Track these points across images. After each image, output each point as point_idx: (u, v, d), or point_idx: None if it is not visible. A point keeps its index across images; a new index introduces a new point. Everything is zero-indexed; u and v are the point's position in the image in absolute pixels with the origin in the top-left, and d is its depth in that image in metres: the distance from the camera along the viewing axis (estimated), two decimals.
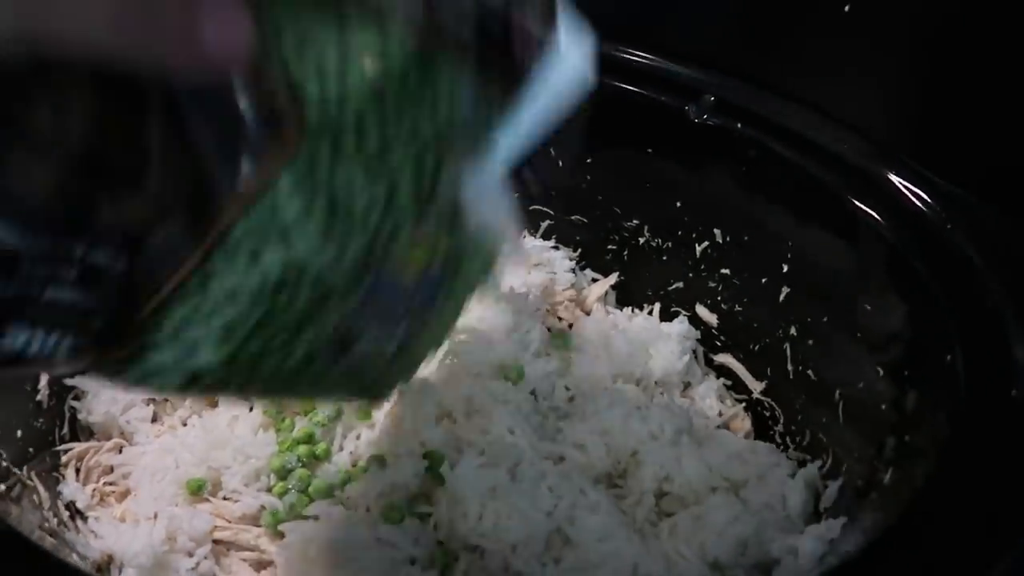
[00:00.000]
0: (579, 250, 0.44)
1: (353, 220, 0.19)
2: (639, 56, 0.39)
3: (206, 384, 0.19)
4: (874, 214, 0.32)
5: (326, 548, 0.29)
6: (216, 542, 0.31)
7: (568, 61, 0.22)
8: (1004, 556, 0.22)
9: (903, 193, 0.32)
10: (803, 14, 0.44)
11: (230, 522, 0.31)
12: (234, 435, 0.33)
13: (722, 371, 0.41)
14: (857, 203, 0.32)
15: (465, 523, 0.30)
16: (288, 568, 0.29)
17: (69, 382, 0.35)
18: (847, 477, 0.32)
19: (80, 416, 0.35)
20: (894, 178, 0.33)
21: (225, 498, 0.32)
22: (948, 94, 0.40)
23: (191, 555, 0.29)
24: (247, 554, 0.31)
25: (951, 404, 0.27)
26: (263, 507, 0.31)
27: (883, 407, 0.31)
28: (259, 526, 0.31)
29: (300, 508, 0.30)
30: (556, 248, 0.44)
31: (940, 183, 0.33)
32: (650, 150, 0.39)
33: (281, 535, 0.30)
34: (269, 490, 0.32)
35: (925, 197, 0.32)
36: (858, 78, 0.43)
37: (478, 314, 0.37)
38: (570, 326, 0.41)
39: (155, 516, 0.31)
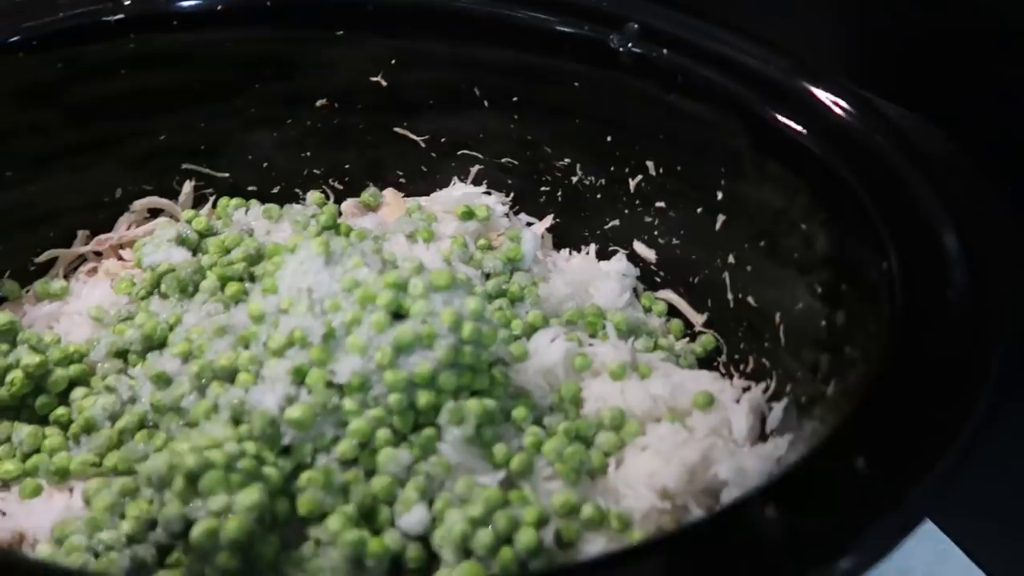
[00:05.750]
0: (512, 194, 0.42)
1: None
2: None
3: None
4: (800, 128, 0.31)
5: None
6: None
7: None
8: (941, 455, 0.21)
9: (829, 108, 0.31)
10: None
11: None
12: None
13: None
14: (783, 119, 0.32)
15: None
16: None
17: None
18: (791, 397, 0.32)
19: None
20: (821, 93, 0.32)
21: None
22: (885, 19, 0.40)
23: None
24: None
25: (889, 310, 0.26)
26: None
27: (822, 324, 0.31)
28: None
29: None
30: (488, 193, 0.42)
31: (872, 98, 0.32)
32: (576, 84, 0.38)
33: None
34: None
35: (851, 110, 0.31)
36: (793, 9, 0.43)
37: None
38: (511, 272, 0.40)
39: (70, 490, 0.29)
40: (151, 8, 0.36)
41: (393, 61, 0.39)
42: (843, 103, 0.31)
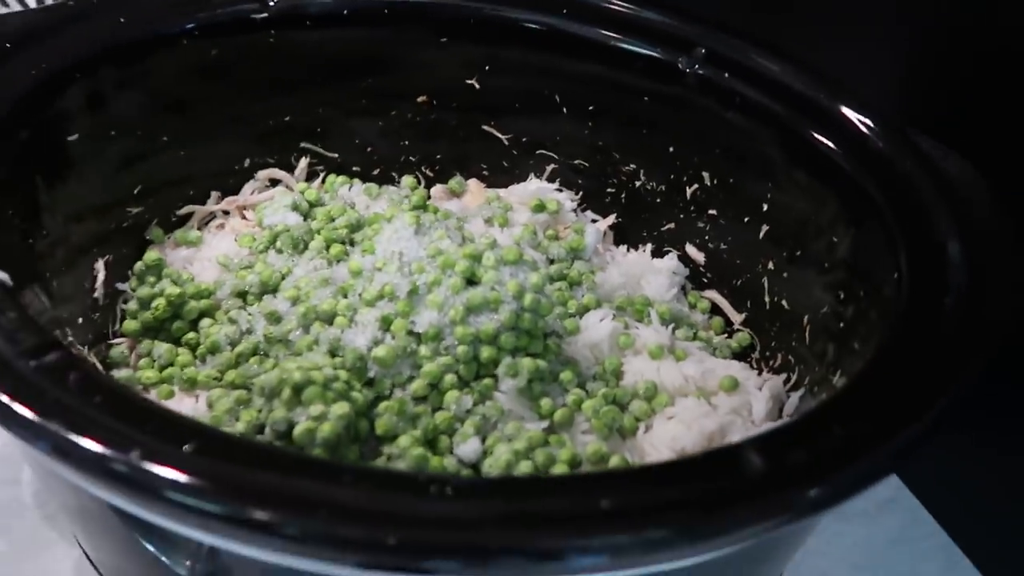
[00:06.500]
0: (580, 192, 0.47)
1: None
2: (636, 9, 0.42)
3: None
4: (834, 146, 0.35)
5: None
6: None
7: None
8: (902, 429, 0.25)
9: (863, 131, 0.35)
10: None
11: None
12: None
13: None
14: (823, 139, 0.36)
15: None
16: None
17: (120, 286, 0.40)
18: (807, 387, 0.36)
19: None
20: (857, 118, 0.36)
21: None
22: (941, 58, 0.43)
23: None
24: None
25: (893, 312, 0.30)
26: None
27: (840, 325, 0.35)
28: None
29: None
30: (559, 190, 0.47)
31: (903, 126, 0.36)
32: (646, 99, 0.43)
33: None
34: None
35: (883, 134, 0.35)
36: (853, 43, 0.46)
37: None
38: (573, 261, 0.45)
39: (196, 397, 0.36)
40: (290, 9, 0.42)
41: (487, 67, 0.45)
42: (876, 127, 0.35)
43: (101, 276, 0.39)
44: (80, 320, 0.36)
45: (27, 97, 0.33)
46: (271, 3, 0.42)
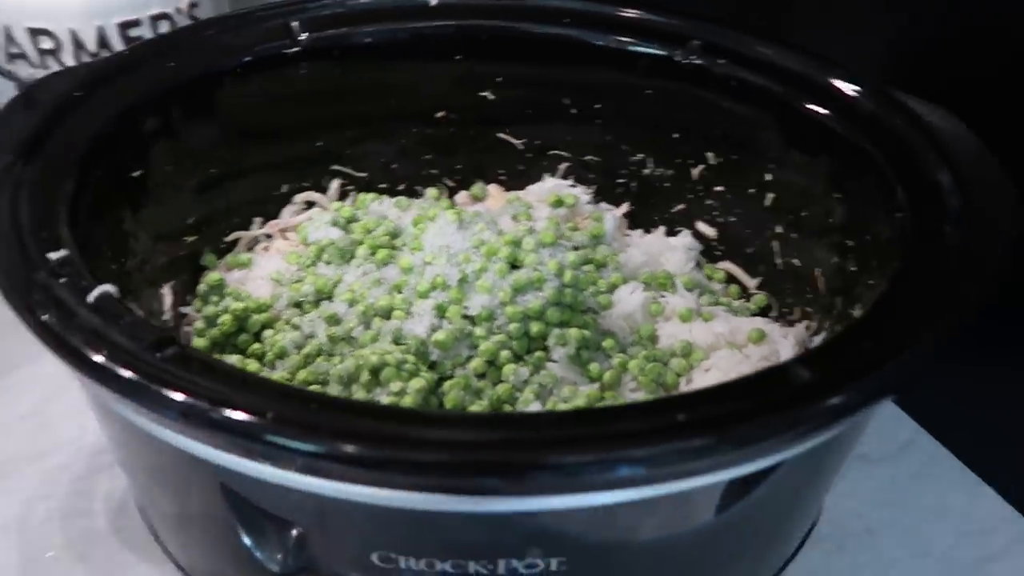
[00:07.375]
0: (594, 186, 0.51)
1: None
2: (633, 13, 0.46)
3: None
4: (828, 114, 0.39)
5: None
6: None
7: None
8: (915, 345, 0.28)
9: (852, 96, 0.39)
10: None
11: None
12: None
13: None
14: (814, 108, 0.40)
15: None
16: None
17: (183, 310, 0.43)
18: (828, 330, 0.40)
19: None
20: (844, 86, 0.40)
21: None
22: (935, 44, 0.47)
23: None
24: None
25: (902, 245, 0.34)
26: None
27: (852, 269, 0.39)
28: None
29: None
30: (574, 186, 0.51)
31: (886, 88, 0.40)
32: (649, 92, 0.47)
33: None
34: None
35: (869, 97, 0.39)
36: (846, 36, 0.50)
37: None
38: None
39: None
40: (317, 42, 0.46)
41: (499, 79, 0.49)
42: (863, 91, 0.39)
43: (168, 300, 0.42)
44: None
45: (102, 135, 0.37)
46: (300, 37, 0.45)
